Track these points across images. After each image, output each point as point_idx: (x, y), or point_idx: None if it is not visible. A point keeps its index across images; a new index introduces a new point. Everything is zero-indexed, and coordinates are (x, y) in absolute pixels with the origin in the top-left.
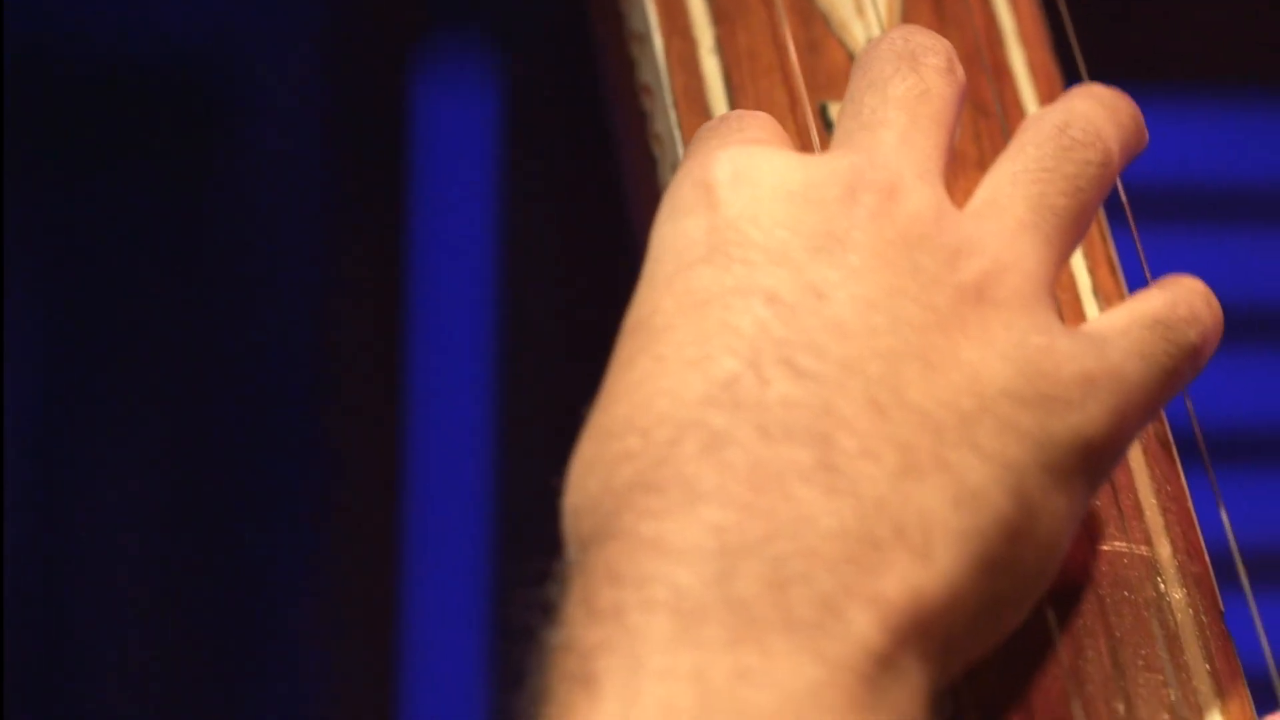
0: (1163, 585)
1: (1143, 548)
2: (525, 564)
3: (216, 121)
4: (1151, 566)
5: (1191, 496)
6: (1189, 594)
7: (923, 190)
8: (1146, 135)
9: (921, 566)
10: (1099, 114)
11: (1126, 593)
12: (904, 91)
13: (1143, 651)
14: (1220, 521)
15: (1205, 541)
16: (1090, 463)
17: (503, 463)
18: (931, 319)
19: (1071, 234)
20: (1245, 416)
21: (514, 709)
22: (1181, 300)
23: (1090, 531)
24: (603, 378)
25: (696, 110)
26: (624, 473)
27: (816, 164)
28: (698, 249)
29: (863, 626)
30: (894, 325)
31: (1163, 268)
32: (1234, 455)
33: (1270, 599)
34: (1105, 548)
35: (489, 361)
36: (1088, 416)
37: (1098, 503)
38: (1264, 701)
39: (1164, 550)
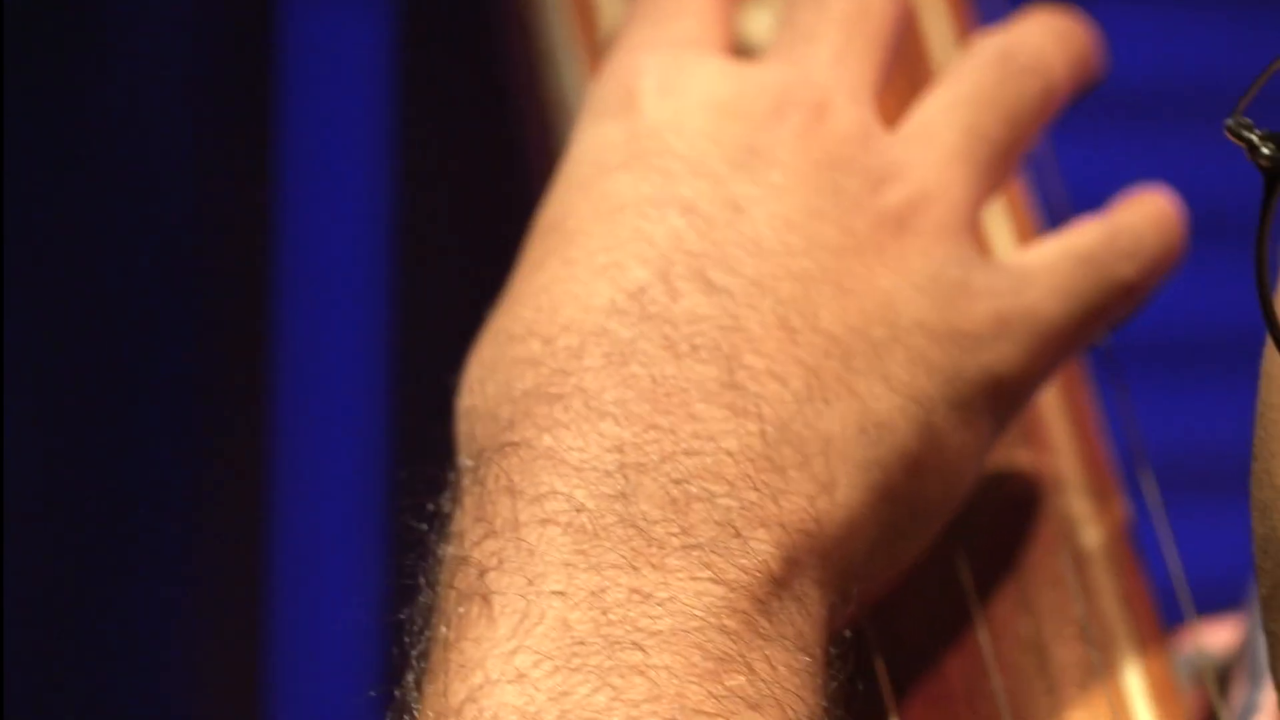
0: (1070, 502)
1: (1049, 464)
2: (417, 471)
3: (80, 31)
4: (1058, 483)
5: (1100, 409)
6: (1096, 511)
7: (852, 111)
8: (1101, 65)
9: (822, 493)
10: (1048, 42)
11: (1032, 510)
12: (844, 8)
13: (1050, 570)
14: (1130, 436)
15: (1114, 455)
16: (1000, 400)
17: (393, 364)
18: (849, 243)
19: (1004, 165)
20: (1156, 324)
21: (406, 623)
22: (1124, 231)
23: (996, 447)
24: (500, 279)
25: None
26: (524, 380)
27: (746, 76)
28: (617, 154)
29: (762, 550)
30: (810, 247)
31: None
32: (1143, 364)
33: (1179, 512)
34: (1011, 465)
35: (376, 263)
36: (1000, 355)
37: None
38: (1172, 616)
39: (1071, 467)
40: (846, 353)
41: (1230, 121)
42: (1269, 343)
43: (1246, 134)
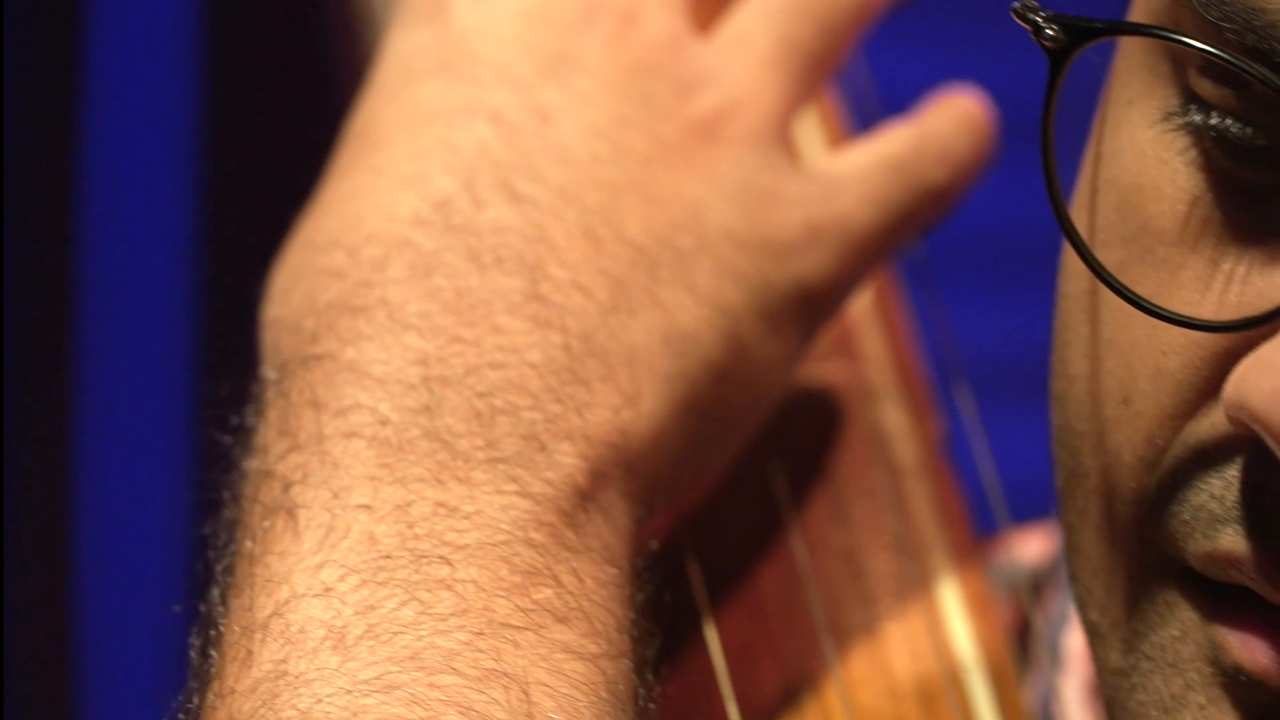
0: (883, 413)
1: (862, 375)
2: (220, 382)
3: None
4: (871, 394)
5: (912, 316)
6: (909, 421)
7: (663, 18)
8: None
9: (627, 405)
10: None
11: (845, 420)
12: None
13: (863, 481)
14: (943, 342)
15: (927, 363)
16: (809, 309)
17: (198, 273)
18: (657, 151)
19: (817, 74)
20: (967, 228)
21: (211, 538)
22: (933, 136)
23: (809, 359)
24: (307, 187)
25: None
26: (329, 292)
27: None
28: (426, 61)
29: (567, 462)
30: (617, 155)
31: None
32: (955, 269)
33: (995, 419)
34: (824, 376)
35: (180, 171)
36: (810, 264)
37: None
38: (985, 523)
39: (883, 377)
40: (653, 263)
41: (1017, 4)
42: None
43: (1031, 16)
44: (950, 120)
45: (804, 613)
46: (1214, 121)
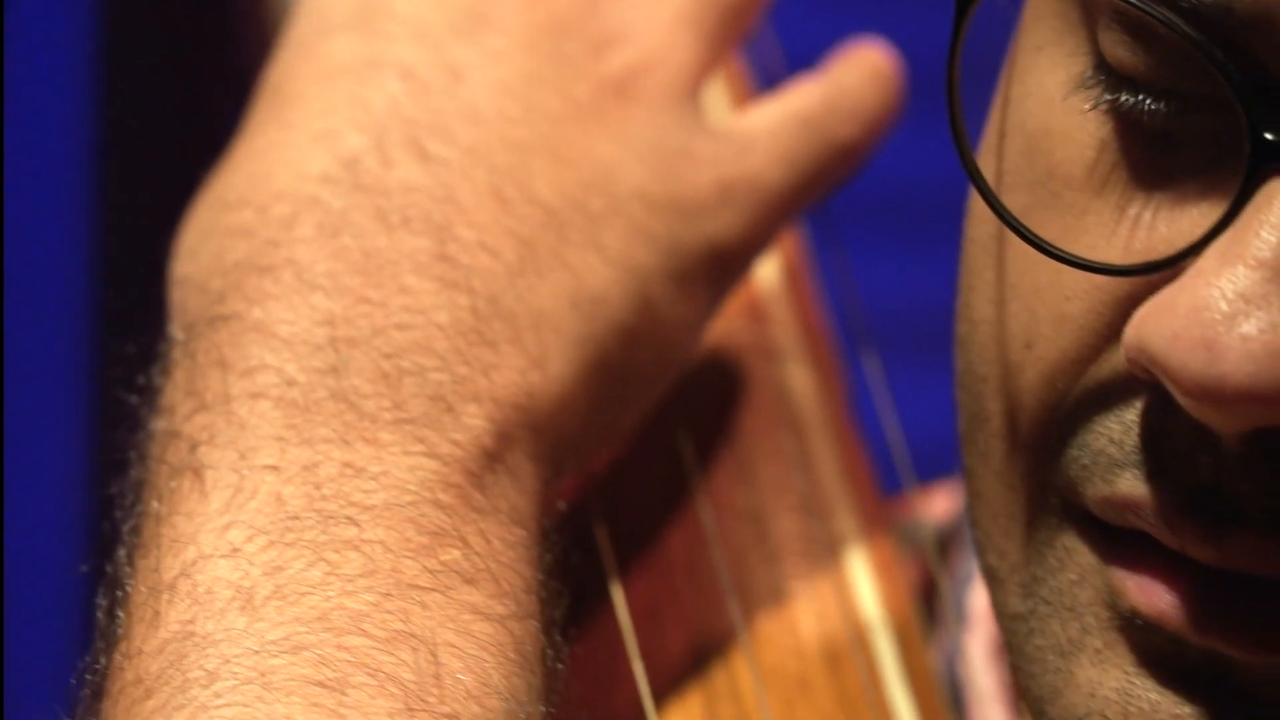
0: (789, 373)
1: (766, 334)
2: (126, 341)
3: None
4: (775, 354)
5: (817, 274)
6: (815, 381)
7: None
8: None
9: (534, 367)
10: None
11: (750, 382)
12: None
13: (769, 442)
14: (848, 300)
15: (832, 322)
16: (719, 270)
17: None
18: (569, 110)
19: (730, 33)
20: (874, 185)
21: (117, 497)
22: (843, 92)
23: (715, 320)
24: (211, 146)
25: None
26: (236, 250)
27: None
28: (340, 15)
29: (474, 424)
30: (528, 114)
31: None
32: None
33: (901, 377)
34: (730, 337)
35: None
36: (721, 224)
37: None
38: (891, 483)
39: (789, 336)
40: (562, 224)
41: None
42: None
43: None
44: (859, 75)
45: (710, 573)
46: (1125, 99)
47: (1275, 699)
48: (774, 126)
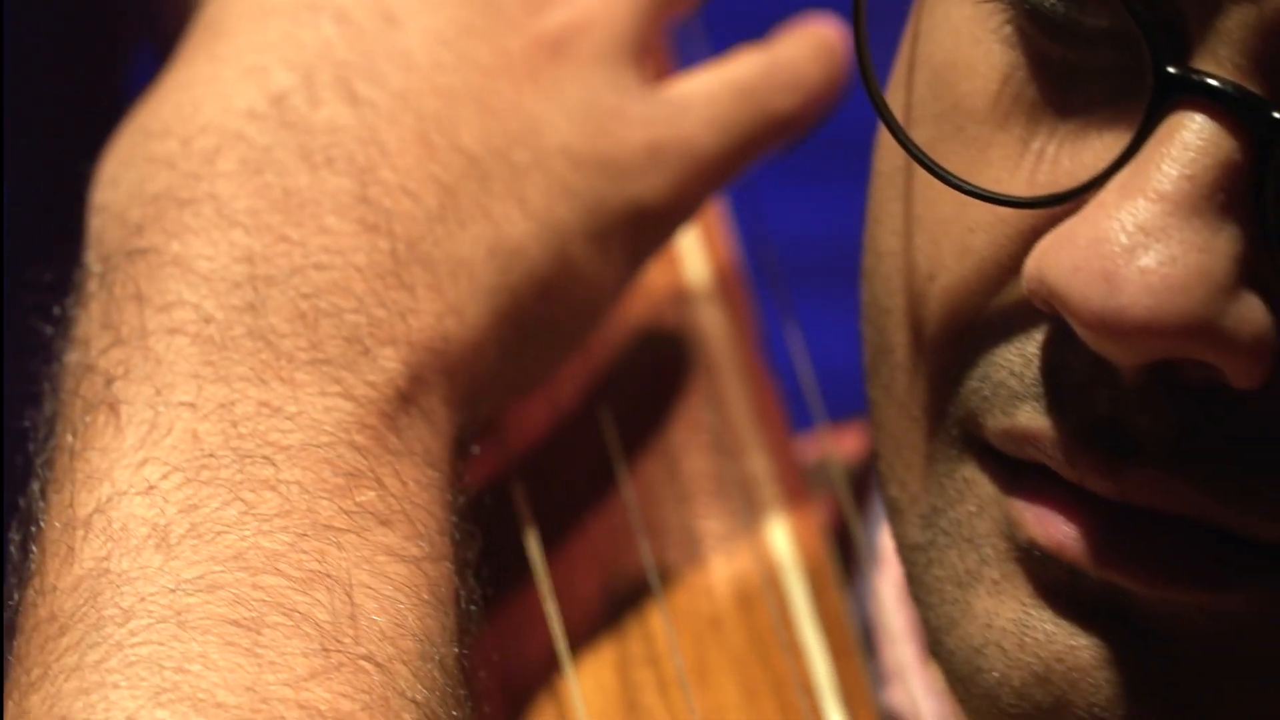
0: (700, 312)
1: (678, 272)
2: (43, 268)
3: None
4: (686, 293)
5: (728, 209)
6: (726, 319)
7: None
8: None
9: (450, 313)
10: None
11: (662, 319)
12: None
13: (681, 380)
14: (759, 236)
15: (743, 258)
16: (642, 232)
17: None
18: (501, 63)
19: (674, 2)
20: None
21: (30, 430)
22: (784, 64)
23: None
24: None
25: None
26: (158, 181)
27: None
28: None
29: (390, 366)
30: (460, 64)
31: None
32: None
33: (813, 315)
34: (641, 275)
35: None
36: (648, 186)
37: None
38: (803, 421)
39: (700, 278)
40: (485, 174)
41: None
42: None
43: None
44: (802, 47)
45: (622, 513)
46: (1029, 31)
47: (1169, 631)
48: (710, 93)
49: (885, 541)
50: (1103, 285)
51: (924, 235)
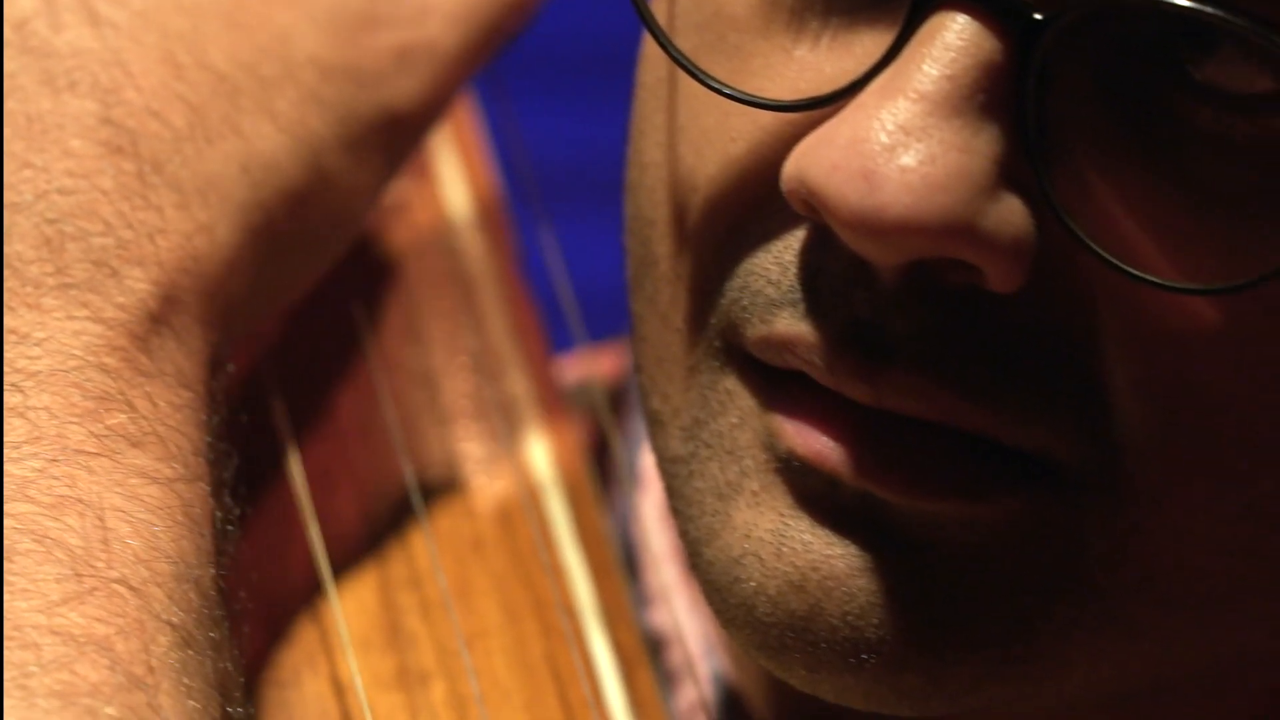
0: (458, 232)
1: (436, 194)
2: None
3: None
4: (444, 214)
5: (484, 129)
6: (485, 239)
7: None
8: None
9: (201, 232)
10: None
11: (420, 241)
12: None
13: (440, 302)
14: (519, 155)
15: (502, 176)
16: (395, 137)
17: None
18: None
19: None
20: (542, 35)
21: None
22: None
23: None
24: None
25: None
26: None
27: None
28: None
29: (139, 288)
30: None
31: None
32: (527, 79)
33: (574, 231)
34: (400, 199)
35: None
36: (398, 91)
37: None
38: (562, 341)
39: (458, 199)
40: (234, 90)
41: None
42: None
43: None
44: None
45: (382, 435)
46: None
47: (924, 540)
48: None
49: (646, 462)
50: (862, 184)
51: (687, 146)
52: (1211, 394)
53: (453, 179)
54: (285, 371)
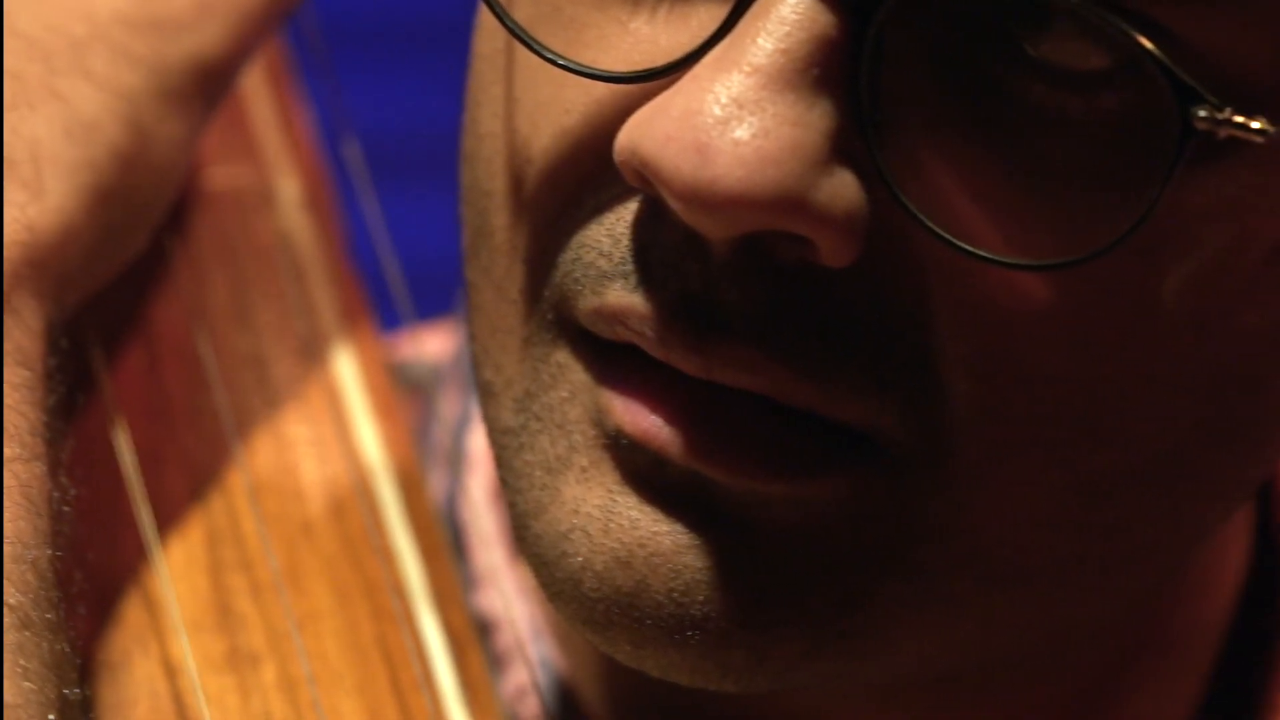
0: (286, 217)
1: (262, 175)
2: None
3: None
4: (270, 194)
5: (311, 105)
6: (311, 219)
7: None
8: None
9: (33, 201)
10: None
11: (247, 224)
12: None
13: (269, 285)
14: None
15: (328, 153)
16: (207, 85)
17: None
18: None
19: None
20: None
21: None
22: None
23: (210, 164)
24: None
25: None
26: None
27: None
28: None
29: None
30: None
31: None
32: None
33: (399, 210)
34: (227, 182)
35: None
36: (205, 38)
37: (219, 135)
38: (389, 317)
39: (287, 182)
40: (47, 54)
41: None
42: None
43: None
44: None
45: (212, 418)
46: None
47: (751, 519)
48: None
49: (473, 443)
50: (695, 156)
51: (523, 117)
52: (1041, 370)
53: (278, 163)
54: (114, 350)
